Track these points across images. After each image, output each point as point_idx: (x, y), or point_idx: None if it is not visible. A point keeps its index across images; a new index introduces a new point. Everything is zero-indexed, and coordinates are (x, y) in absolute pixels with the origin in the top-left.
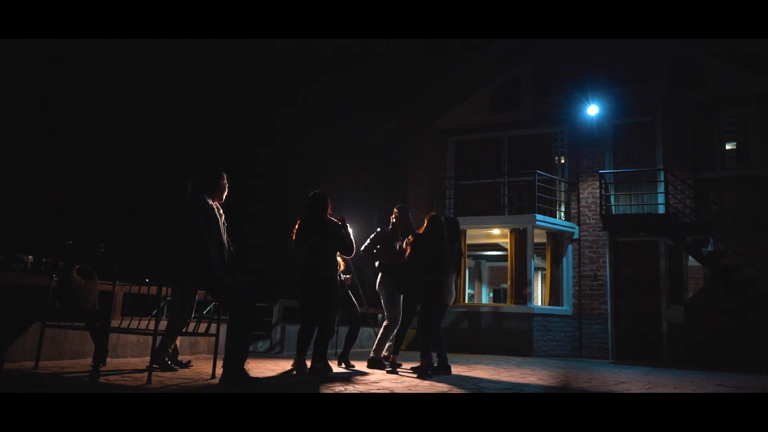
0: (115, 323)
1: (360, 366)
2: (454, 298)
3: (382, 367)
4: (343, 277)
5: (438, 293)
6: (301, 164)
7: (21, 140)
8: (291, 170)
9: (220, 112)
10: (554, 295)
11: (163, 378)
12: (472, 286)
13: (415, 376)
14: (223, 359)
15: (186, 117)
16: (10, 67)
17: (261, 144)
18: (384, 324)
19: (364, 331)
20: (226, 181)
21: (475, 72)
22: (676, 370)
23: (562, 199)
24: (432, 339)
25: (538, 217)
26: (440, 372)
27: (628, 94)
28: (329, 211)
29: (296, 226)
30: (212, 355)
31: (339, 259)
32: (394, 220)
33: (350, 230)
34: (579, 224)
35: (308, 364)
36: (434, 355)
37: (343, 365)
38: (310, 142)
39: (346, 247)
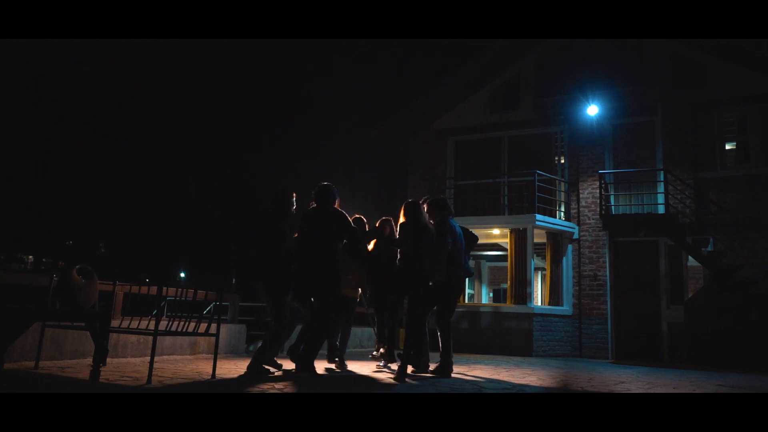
0: (115, 323)
1: (355, 366)
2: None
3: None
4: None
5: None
6: (301, 164)
7: (22, 141)
8: (289, 171)
9: (219, 113)
10: (554, 295)
11: (163, 378)
12: (472, 286)
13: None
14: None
15: (185, 117)
16: (11, 68)
17: (259, 144)
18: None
19: (365, 332)
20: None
21: (475, 72)
22: (676, 370)
23: (562, 199)
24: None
25: (538, 217)
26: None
27: (628, 94)
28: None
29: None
30: (212, 355)
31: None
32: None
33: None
34: (579, 224)
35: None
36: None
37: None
38: (310, 142)
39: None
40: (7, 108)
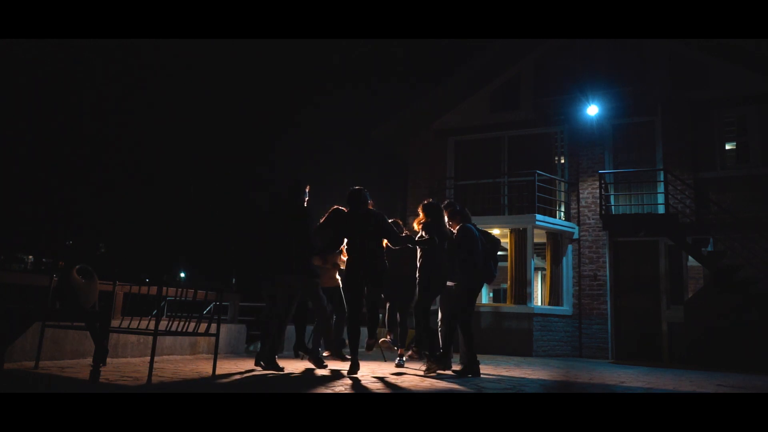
0: (115, 323)
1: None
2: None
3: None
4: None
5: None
6: (300, 164)
7: (22, 141)
8: (288, 171)
9: (218, 113)
10: (554, 295)
11: (163, 378)
12: None
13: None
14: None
15: (185, 118)
16: (11, 68)
17: (260, 144)
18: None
19: (363, 330)
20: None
21: (475, 72)
22: (676, 370)
23: (562, 199)
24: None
25: (538, 217)
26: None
27: (628, 94)
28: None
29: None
30: (212, 355)
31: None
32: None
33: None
34: (579, 224)
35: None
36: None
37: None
38: (309, 142)
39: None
40: (6, 108)
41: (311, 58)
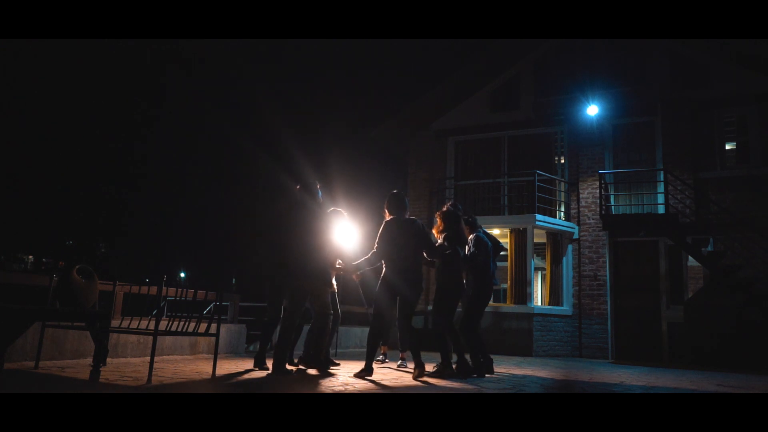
0: (115, 323)
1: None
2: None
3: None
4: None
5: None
6: (300, 164)
7: (21, 140)
8: (289, 170)
9: (214, 111)
10: (554, 295)
11: (163, 378)
12: None
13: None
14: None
15: (184, 117)
16: (11, 68)
17: (262, 143)
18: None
19: (365, 331)
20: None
21: (475, 72)
22: (676, 370)
23: (562, 199)
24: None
25: (538, 217)
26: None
27: (628, 94)
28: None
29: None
30: (212, 355)
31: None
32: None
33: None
34: (579, 224)
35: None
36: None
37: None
38: (309, 142)
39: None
40: (6, 107)
41: (311, 57)
